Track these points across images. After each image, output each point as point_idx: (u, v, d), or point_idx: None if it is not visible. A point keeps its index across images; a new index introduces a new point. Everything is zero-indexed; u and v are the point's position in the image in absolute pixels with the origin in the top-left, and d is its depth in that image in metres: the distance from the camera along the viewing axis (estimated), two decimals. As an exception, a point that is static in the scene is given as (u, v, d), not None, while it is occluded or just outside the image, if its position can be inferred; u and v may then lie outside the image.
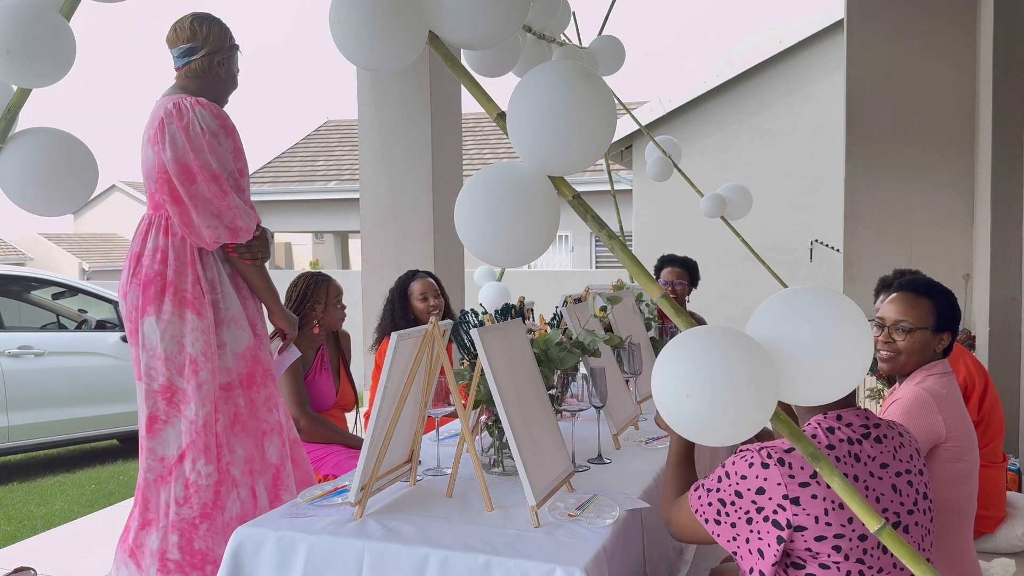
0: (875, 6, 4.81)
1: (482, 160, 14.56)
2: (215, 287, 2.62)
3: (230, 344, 2.63)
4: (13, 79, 1.94)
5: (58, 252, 22.15)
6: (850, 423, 1.70)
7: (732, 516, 1.66)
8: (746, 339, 1.28)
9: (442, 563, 1.72)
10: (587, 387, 2.34)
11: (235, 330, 2.64)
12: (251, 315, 2.72)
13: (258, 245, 2.68)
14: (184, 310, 2.57)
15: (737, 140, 9.47)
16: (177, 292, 2.57)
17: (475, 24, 1.63)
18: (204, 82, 2.64)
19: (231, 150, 2.59)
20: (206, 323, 2.57)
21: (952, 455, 2.25)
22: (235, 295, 2.67)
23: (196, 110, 2.53)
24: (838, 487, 1.32)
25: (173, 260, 2.57)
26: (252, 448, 2.63)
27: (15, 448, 5.83)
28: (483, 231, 1.50)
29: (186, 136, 2.49)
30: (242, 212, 2.57)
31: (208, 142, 2.51)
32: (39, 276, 6.92)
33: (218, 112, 2.58)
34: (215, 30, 2.64)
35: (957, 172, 4.71)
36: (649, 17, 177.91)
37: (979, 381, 2.94)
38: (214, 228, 2.53)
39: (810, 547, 1.59)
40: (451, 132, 5.13)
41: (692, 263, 4.59)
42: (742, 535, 1.65)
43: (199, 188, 2.50)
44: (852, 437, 1.68)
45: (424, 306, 3.79)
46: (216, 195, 2.51)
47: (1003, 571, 2.63)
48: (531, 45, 3.57)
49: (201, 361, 2.56)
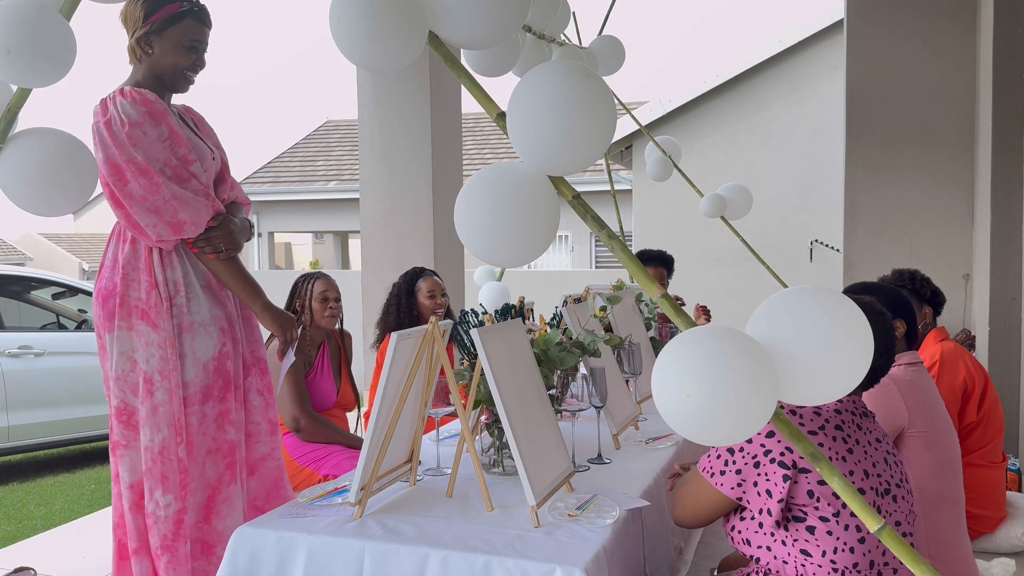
0: (875, 6, 4.81)
1: (482, 160, 14.56)
2: (180, 289, 2.38)
3: (196, 353, 2.38)
4: (13, 79, 1.94)
5: (58, 252, 22.15)
6: (855, 402, 1.88)
7: (739, 462, 1.76)
8: (746, 339, 1.28)
9: (442, 563, 1.72)
10: (587, 387, 2.34)
11: (202, 337, 2.39)
12: (229, 316, 2.48)
13: (219, 236, 2.39)
14: (135, 321, 2.35)
15: (737, 140, 9.46)
16: (126, 302, 2.36)
17: (475, 24, 1.64)
18: (142, 69, 2.41)
19: (164, 137, 2.32)
20: (162, 335, 2.33)
21: (922, 443, 2.29)
22: (208, 296, 2.44)
23: (117, 101, 2.30)
24: (838, 486, 1.32)
25: (123, 266, 2.38)
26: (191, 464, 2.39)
27: (15, 448, 5.83)
28: (483, 231, 1.50)
29: (109, 132, 2.28)
30: (185, 203, 2.31)
31: (129, 134, 2.27)
32: (39, 276, 6.92)
33: (142, 99, 2.30)
34: (130, 10, 2.37)
35: (957, 172, 4.71)
36: (650, 17, 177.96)
37: (979, 381, 2.94)
38: (154, 225, 2.29)
39: (812, 489, 1.70)
40: (451, 132, 5.14)
41: (669, 256, 4.57)
42: (748, 479, 1.75)
43: (131, 186, 2.28)
44: (855, 411, 1.86)
45: (431, 303, 3.79)
46: (148, 189, 2.27)
47: (1003, 571, 2.63)
48: (531, 45, 3.57)
49: (157, 380, 2.33)
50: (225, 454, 2.44)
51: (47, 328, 6.49)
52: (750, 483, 1.75)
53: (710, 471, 1.83)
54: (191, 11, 2.39)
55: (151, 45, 2.38)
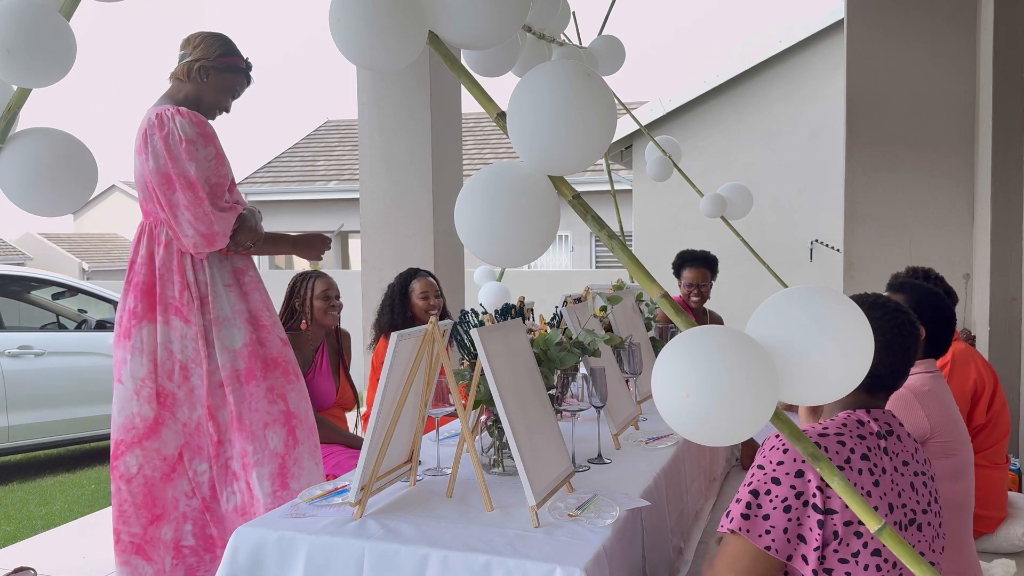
0: (875, 6, 4.81)
1: (482, 160, 14.56)
2: (207, 289, 2.67)
3: (226, 342, 2.67)
4: (13, 79, 1.94)
5: (58, 252, 22.14)
6: (877, 419, 1.73)
7: (766, 507, 1.59)
8: (746, 339, 1.28)
9: (442, 563, 1.72)
10: (587, 387, 2.33)
11: (229, 329, 2.69)
12: (253, 310, 2.75)
13: (243, 236, 2.68)
14: (171, 316, 2.64)
15: (737, 140, 9.47)
16: (164, 299, 2.65)
17: (475, 24, 1.64)
18: (188, 89, 2.70)
19: (212, 157, 2.63)
20: (194, 329, 2.64)
21: (940, 451, 2.26)
22: (229, 294, 2.71)
23: (176, 120, 2.58)
24: (838, 487, 1.32)
25: (160, 267, 2.65)
26: (248, 441, 2.66)
27: (15, 448, 5.83)
28: (483, 231, 1.50)
29: (165, 146, 2.56)
30: (219, 218, 2.61)
31: (186, 150, 2.56)
32: (39, 276, 6.92)
33: (197, 120, 2.62)
34: (208, 42, 2.72)
35: (957, 172, 4.71)
36: (650, 17, 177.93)
37: (988, 384, 2.93)
38: (191, 236, 2.59)
39: (837, 530, 1.57)
40: (451, 132, 5.13)
41: (713, 258, 4.53)
42: (778, 526, 1.58)
43: (177, 196, 2.57)
44: (880, 431, 1.71)
45: (424, 304, 3.79)
46: (192, 202, 2.57)
47: (1004, 571, 2.63)
48: (531, 45, 3.57)
49: (191, 367, 2.65)
50: (283, 423, 2.73)
51: (47, 328, 6.49)
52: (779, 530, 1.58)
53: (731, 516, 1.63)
54: (246, 71, 2.81)
55: (208, 76, 2.71)
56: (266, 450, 2.68)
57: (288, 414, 2.74)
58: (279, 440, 2.71)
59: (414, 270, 3.92)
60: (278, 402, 2.73)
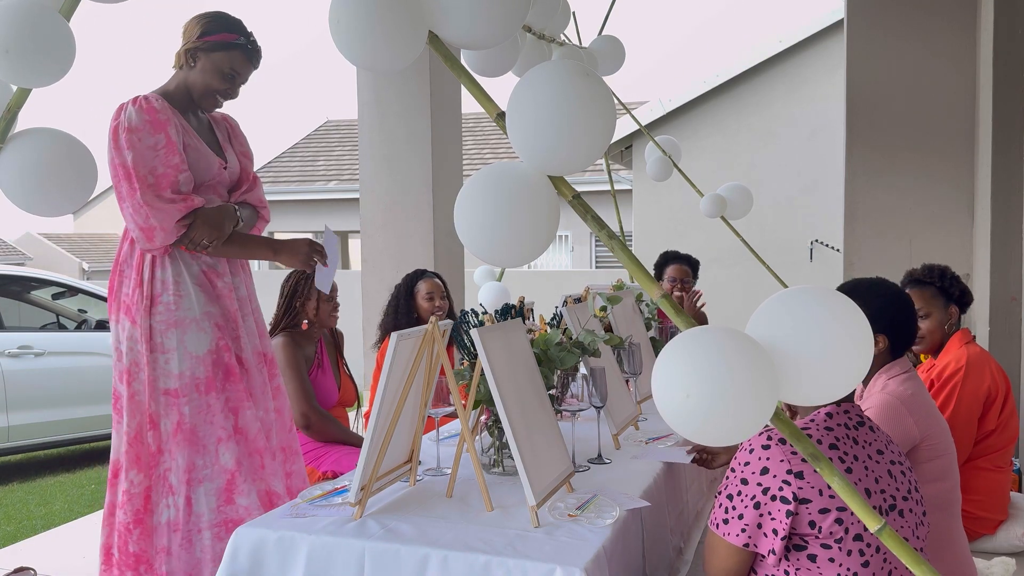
0: (875, 6, 4.81)
1: (482, 160, 14.56)
2: (169, 287, 2.49)
3: (189, 347, 2.49)
4: (13, 79, 1.94)
5: (58, 252, 22.13)
6: (847, 411, 1.79)
7: (739, 507, 1.68)
8: (746, 339, 1.28)
9: (442, 563, 1.72)
10: (587, 387, 2.33)
11: (195, 332, 2.50)
12: (225, 314, 2.57)
13: (198, 232, 2.46)
14: (122, 315, 2.51)
15: (737, 140, 9.47)
16: (119, 297, 2.53)
17: (475, 24, 1.64)
18: (179, 77, 2.56)
19: (162, 145, 2.41)
20: (140, 331, 2.47)
21: (929, 454, 2.27)
22: (199, 294, 2.53)
23: (128, 109, 2.43)
24: (838, 486, 1.32)
25: (122, 263, 2.54)
26: (198, 455, 2.49)
27: (15, 448, 5.83)
28: (483, 231, 1.50)
29: (112, 136, 2.42)
30: (156, 209, 2.40)
31: (127, 139, 2.39)
32: (39, 276, 6.92)
33: (148, 107, 2.42)
34: (191, 24, 2.54)
35: (957, 172, 4.70)
36: (650, 17, 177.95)
37: (1001, 389, 2.93)
38: (133, 230, 2.44)
39: (813, 519, 1.62)
40: (451, 132, 5.14)
41: (695, 260, 4.58)
42: (751, 523, 1.66)
43: (121, 188, 2.42)
44: (849, 423, 1.77)
45: (429, 305, 3.79)
46: (128, 193, 2.40)
47: (1003, 570, 2.63)
48: (531, 45, 3.57)
49: (134, 371, 2.49)
50: (238, 441, 2.55)
51: (47, 328, 6.49)
52: (753, 526, 1.67)
53: (715, 522, 1.73)
54: (243, 46, 2.55)
55: (195, 60, 2.53)
56: (215, 465, 2.51)
57: (242, 431, 2.56)
58: (231, 456, 2.52)
59: (421, 271, 3.92)
60: (232, 417, 2.54)
